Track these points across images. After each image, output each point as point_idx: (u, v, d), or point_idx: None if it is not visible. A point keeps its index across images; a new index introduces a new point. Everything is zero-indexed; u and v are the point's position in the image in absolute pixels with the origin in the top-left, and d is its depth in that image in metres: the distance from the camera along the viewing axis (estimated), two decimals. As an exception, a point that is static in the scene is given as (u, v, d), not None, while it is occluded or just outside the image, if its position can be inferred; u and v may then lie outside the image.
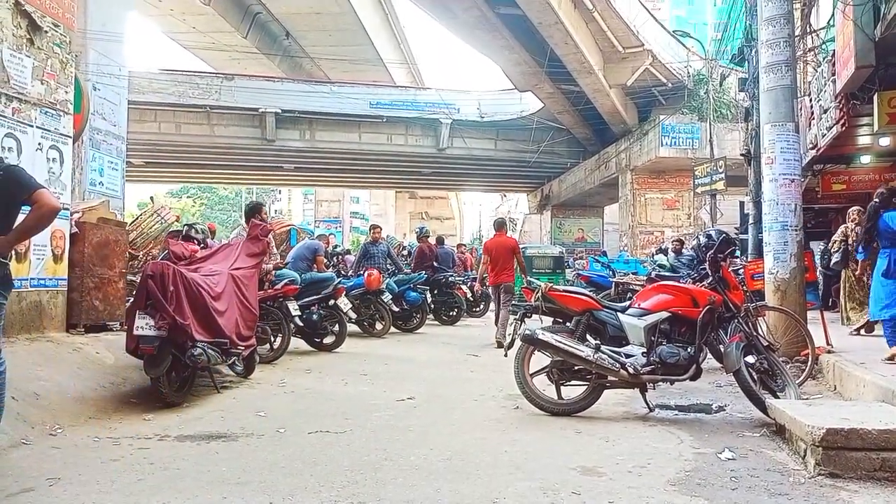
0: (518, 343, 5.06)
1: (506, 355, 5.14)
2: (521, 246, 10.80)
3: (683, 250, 11.54)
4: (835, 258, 8.65)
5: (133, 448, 4.00)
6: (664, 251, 14.87)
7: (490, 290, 9.76)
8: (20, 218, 3.62)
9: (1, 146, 5.08)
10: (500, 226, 9.71)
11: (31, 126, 5.44)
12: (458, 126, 27.48)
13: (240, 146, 27.09)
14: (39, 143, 5.54)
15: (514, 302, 7.04)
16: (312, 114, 26.57)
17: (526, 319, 5.20)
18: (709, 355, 5.25)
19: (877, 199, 6.31)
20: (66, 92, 5.92)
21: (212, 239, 8.13)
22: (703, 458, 3.79)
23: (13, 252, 4.22)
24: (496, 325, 9.00)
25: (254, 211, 7.32)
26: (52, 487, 3.29)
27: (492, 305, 10.24)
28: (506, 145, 28.47)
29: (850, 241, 8.28)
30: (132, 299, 5.35)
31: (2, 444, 3.75)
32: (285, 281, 7.61)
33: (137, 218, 8.12)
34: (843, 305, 9.05)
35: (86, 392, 4.98)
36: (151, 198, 10.63)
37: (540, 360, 5.15)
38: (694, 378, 4.87)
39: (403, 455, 3.89)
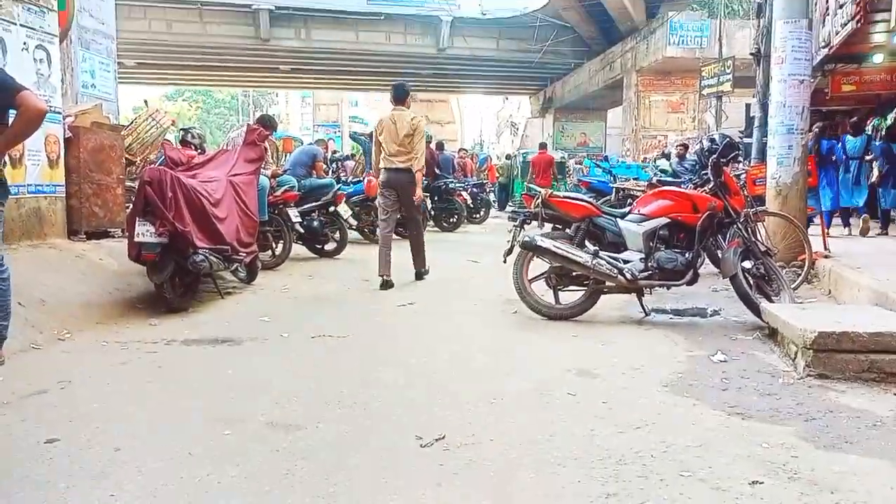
0: (517, 249, 5.09)
1: (505, 261, 5.18)
2: (522, 151, 11.68)
3: (687, 155, 11.39)
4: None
5: (141, 352, 4.11)
6: (667, 156, 14.71)
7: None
8: None
9: (-15, 47, 4.91)
10: (543, 146, 11.14)
11: (15, 24, 5.23)
12: (459, 24, 26.48)
13: (234, 46, 26.21)
14: (25, 43, 5.35)
15: (512, 208, 7.06)
16: (308, 10, 25.54)
17: (525, 225, 5.21)
18: (706, 260, 5.30)
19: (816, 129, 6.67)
20: (49, -14, 5.68)
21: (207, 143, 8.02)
22: (695, 361, 3.90)
23: (7, 158, 4.17)
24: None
25: (263, 123, 7.03)
26: (64, 390, 3.40)
27: (492, 211, 10.56)
28: (508, 45, 27.54)
29: None
30: (131, 206, 5.33)
31: (13, 348, 3.84)
32: (285, 187, 7.56)
33: (132, 122, 7.95)
34: None
35: (91, 298, 5.06)
36: (145, 101, 10.37)
37: (538, 266, 5.20)
38: (691, 283, 4.94)
39: (403, 358, 4.00)
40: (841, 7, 9.47)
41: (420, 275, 6.80)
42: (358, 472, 2.44)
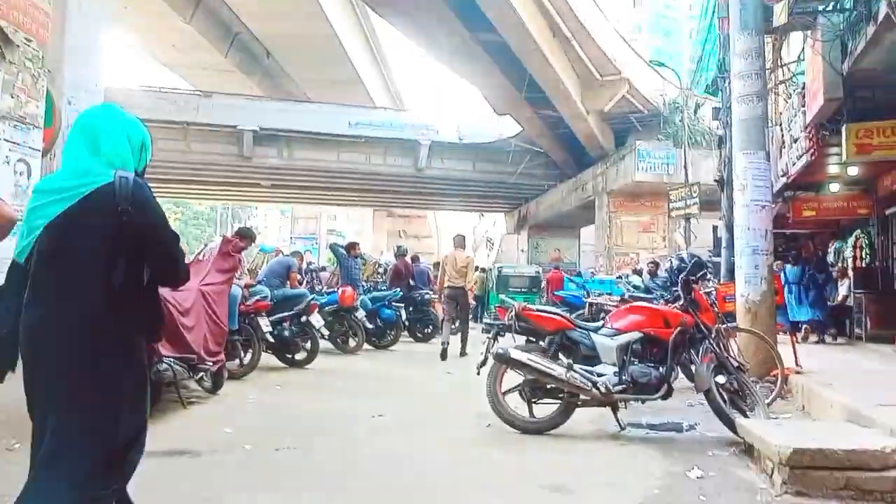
0: (491, 361, 5.05)
1: (478, 373, 5.11)
2: (497, 265, 13.77)
3: (658, 272, 11.64)
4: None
5: (93, 464, 3.89)
6: (639, 272, 15.01)
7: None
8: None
9: (-33, 155, 4.98)
10: (556, 267, 12.64)
11: (-1, 139, 5.36)
12: (437, 147, 27.59)
13: (216, 163, 26.88)
14: (7, 156, 5.45)
15: (487, 321, 7.22)
16: (291, 132, 26.50)
17: (499, 338, 5.19)
18: (681, 375, 5.28)
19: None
20: (37, 106, 5.86)
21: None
22: (672, 477, 3.79)
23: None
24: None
25: (242, 235, 7.25)
26: None
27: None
28: (484, 166, 28.63)
29: None
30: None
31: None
32: (257, 297, 7.52)
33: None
34: None
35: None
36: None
37: (513, 378, 5.14)
38: (665, 397, 4.89)
39: (372, 473, 3.84)
40: (795, 141, 10.13)
41: (463, 352, 9.60)
42: None
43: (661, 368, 4.84)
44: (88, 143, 2.24)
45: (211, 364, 5.78)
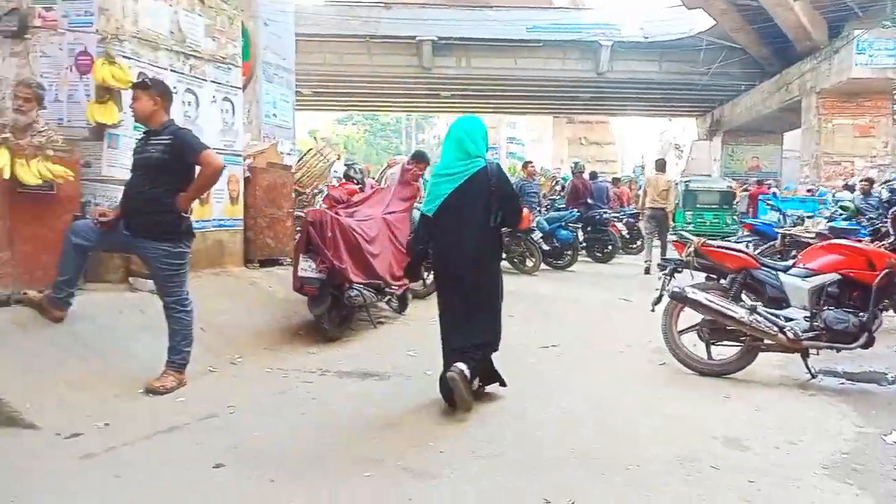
0: (666, 299, 4.90)
1: (653, 310, 5.00)
2: (684, 179, 15.96)
3: (872, 190, 10.30)
4: None
5: (299, 381, 4.46)
6: (850, 188, 13.41)
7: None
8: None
9: (183, 101, 5.60)
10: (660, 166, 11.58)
11: (206, 81, 5.92)
12: (620, 48, 25.92)
13: (398, 74, 27.62)
14: (213, 96, 6.03)
15: (663, 257, 7.05)
16: (468, 40, 26.34)
17: (676, 274, 5.01)
18: (885, 318, 4.77)
19: None
20: (235, 46, 6.35)
21: (368, 177, 8.55)
22: (865, 439, 3.53)
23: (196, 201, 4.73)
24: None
25: (418, 159, 7.50)
26: (232, 415, 3.78)
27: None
28: (672, 67, 26.48)
29: None
30: (297, 241, 5.80)
31: (194, 371, 4.32)
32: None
33: (302, 158, 8.68)
34: None
35: (260, 325, 5.56)
36: (315, 138, 11.26)
37: (690, 316, 4.97)
38: (865, 347, 4.47)
39: (543, 405, 4.00)
40: None
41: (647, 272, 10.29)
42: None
43: (861, 315, 4.40)
44: (463, 141, 3.94)
45: (396, 288, 6.24)
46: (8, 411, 3.43)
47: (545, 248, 10.31)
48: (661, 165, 11.52)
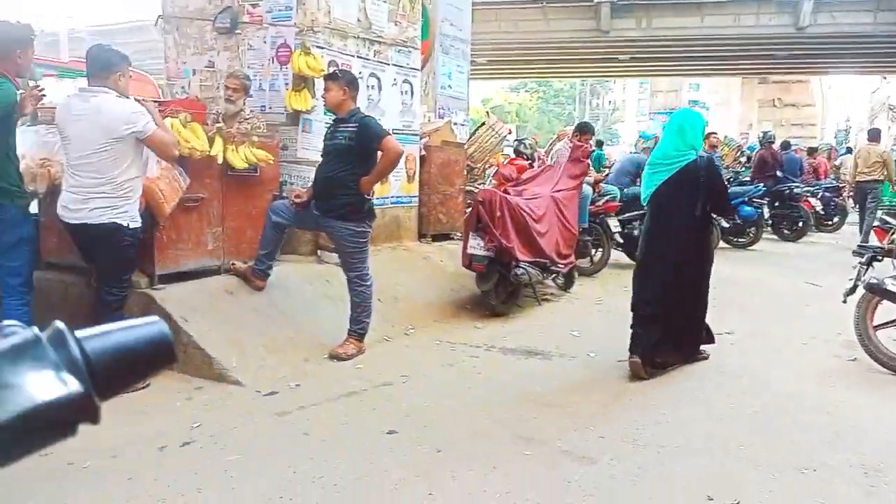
0: (861, 290, 4.47)
1: (845, 301, 4.59)
2: None
3: None
4: None
5: (465, 355, 4.69)
6: None
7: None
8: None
9: (367, 85, 5.98)
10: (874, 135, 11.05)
11: (388, 64, 6.27)
12: (825, -2, 23.25)
13: (574, 39, 26.94)
14: (394, 79, 6.37)
15: (860, 243, 6.38)
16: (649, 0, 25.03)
17: (874, 264, 4.54)
18: None
19: None
20: (415, 29, 6.63)
21: (537, 149, 8.58)
22: None
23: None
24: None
25: (582, 131, 7.45)
26: (405, 384, 4.09)
27: (852, 217, 10.27)
28: (889, 17, 23.26)
29: None
30: (466, 217, 6.02)
31: (372, 340, 4.72)
32: (607, 198, 7.71)
33: (475, 133, 8.88)
34: None
35: (431, 297, 5.89)
36: (487, 112, 11.43)
37: (888, 310, 4.50)
38: None
39: (711, 400, 3.88)
40: None
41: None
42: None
43: None
44: (681, 132, 4.18)
45: (562, 266, 6.27)
46: (219, 369, 4.00)
47: (725, 225, 9.71)
48: (874, 135, 11.21)
